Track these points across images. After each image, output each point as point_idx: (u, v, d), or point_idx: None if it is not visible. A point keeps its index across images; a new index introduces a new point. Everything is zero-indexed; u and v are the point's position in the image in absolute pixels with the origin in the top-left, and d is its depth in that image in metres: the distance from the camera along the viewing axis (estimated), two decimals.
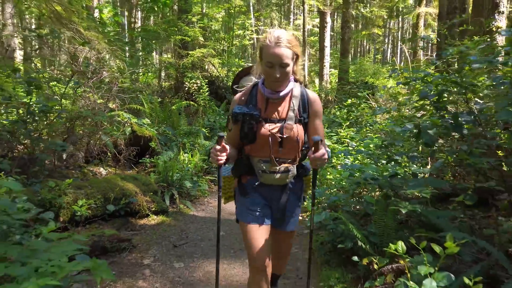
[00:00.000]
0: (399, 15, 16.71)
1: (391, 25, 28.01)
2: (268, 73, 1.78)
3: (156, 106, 6.81)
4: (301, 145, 1.89)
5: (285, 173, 1.88)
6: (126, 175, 4.53)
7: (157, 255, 3.34)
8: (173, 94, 8.64)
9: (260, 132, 1.82)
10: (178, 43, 8.06)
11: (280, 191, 1.95)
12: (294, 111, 1.85)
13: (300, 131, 1.86)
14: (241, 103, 1.90)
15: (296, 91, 1.88)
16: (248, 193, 1.95)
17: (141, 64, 8.20)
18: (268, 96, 1.85)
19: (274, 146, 1.83)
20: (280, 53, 1.72)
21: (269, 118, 1.85)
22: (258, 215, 1.91)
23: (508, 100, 2.34)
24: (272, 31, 1.76)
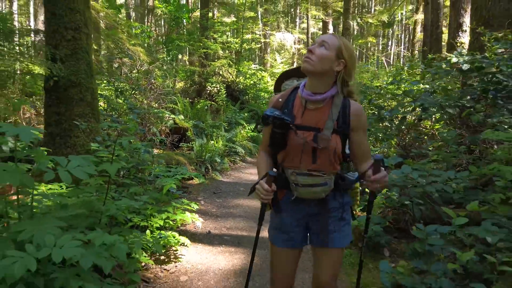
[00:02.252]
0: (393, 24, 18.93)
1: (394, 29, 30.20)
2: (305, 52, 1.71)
3: (187, 105, 9.16)
4: (338, 158, 1.75)
5: (321, 186, 1.74)
6: (177, 152, 6.87)
7: (204, 196, 5.66)
8: (196, 95, 10.99)
9: (291, 140, 1.72)
10: (202, 54, 10.44)
11: (319, 206, 1.81)
12: (332, 120, 1.71)
13: (338, 143, 1.72)
14: (277, 105, 1.81)
15: (337, 100, 1.74)
16: (281, 211, 1.85)
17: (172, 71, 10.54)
18: (306, 97, 1.74)
19: (307, 157, 1.73)
20: (327, 36, 1.73)
21: (304, 126, 1.73)
22: (288, 238, 1.84)
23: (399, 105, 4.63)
24: None
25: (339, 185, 1.80)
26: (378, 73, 13.82)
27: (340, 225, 1.82)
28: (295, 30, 26.71)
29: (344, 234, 1.83)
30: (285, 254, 1.86)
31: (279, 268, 1.88)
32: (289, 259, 1.87)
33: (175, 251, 3.63)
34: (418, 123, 5.37)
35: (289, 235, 1.84)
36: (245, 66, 13.29)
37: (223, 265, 3.49)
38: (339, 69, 1.70)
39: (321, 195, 1.76)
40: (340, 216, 1.83)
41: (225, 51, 12.18)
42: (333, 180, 1.76)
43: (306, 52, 1.70)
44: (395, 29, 31.67)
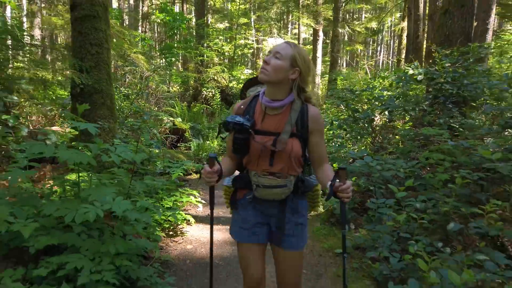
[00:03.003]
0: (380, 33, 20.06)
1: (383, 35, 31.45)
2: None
3: (184, 108, 10.03)
4: (297, 161, 1.85)
5: (280, 187, 1.84)
6: (176, 151, 7.73)
7: (202, 187, 6.51)
8: (192, 99, 11.86)
9: (252, 145, 1.82)
10: (198, 61, 11.33)
11: (278, 207, 1.91)
12: (291, 125, 1.80)
13: (295, 146, 1.81)
14: (239, 111, 1.92)
15: (296, 105, 1.83)
16: (239, 208, 1.99)
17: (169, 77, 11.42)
18: (265, 104, 1.83)
19: (265, 160, 1.83)
20: (281, 46, 1.81)
21: (264, 130, 1.84)
22: (250, 233, 1.93)
23: (371, 107, 5.55)
24: None
25: (299, 188, 1.91)
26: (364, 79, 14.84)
27: (296, 228, 1.92)
28: (287, 35, 27.75)
29: (300, 237, 1.93)
30: (250, 249, 1.95)
31: (246, 263, 1.96)
32: (255, 254, 1.95)
33: (181, 228, 4.50)
34: (388, 124, 6.32)
35: (251, 231, 1.94)
36: (238, 70, 14.20)
37: (220, 238, 4.37)
38: (294, 77, 1.79)
39: (281, 197, 1.87)
40: (296, 221, 1.93)
41: (220, 58, 13.11)
42: (293, 182, 1.87)
43: (262, 63, 1.79)
44: (385, 35, 32.94)
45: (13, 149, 3.65)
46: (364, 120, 5.71)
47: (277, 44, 1.84)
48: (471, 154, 3.45)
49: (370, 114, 5.41)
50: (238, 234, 1.98)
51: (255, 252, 1.95)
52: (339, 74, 14.80)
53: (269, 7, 20.39)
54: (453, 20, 6.20)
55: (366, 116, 5.41)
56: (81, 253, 2.49)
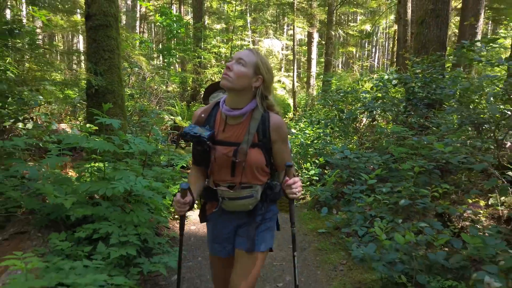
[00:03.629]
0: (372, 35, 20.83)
1: (378, 37, 32.31)
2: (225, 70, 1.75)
3: (184, 107, 10.70)
4: (260, 171, 1.83)
5: (246, 199, 1.82)
6: (177, 147, 8.40)
7: None
8: (191, 99, 12.54)
9: (213, 155, 1.80)
10: (196, 63, 12.00)
11: (247, 217, 1.91)
12: (251, 134, 1.78)
13: (256, 156, 1.79)
14: (199, 120, 1.87)
15: (256, 114, 1.80)
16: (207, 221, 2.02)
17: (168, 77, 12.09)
18: (226, 112, 1.79)
19: (226, 171, 1.81)
20: (244, 52, 1.79)
21: (225, 141, 1.80)
22: (221, 247, 1.97)
23: (354, 107, 6.26)
24: None
25: (267, 196, 1.89)
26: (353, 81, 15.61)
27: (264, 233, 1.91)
28: (283, 36, 28.52)
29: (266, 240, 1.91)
30: (221, 263, 2.01)
31: (218, 276, 2.05)
32: (226, 266, 1.99)
33: None
34: (372, 123, 7.04)
35: (222, 245, 1.97)
36: None
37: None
38: (258, 85, 1.77)
39: (248, 208, 1.85)
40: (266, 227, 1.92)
41: (217, 60, 13.82)
42: (259, 191, 1.84)
43: (225, 68, 1.75)
44: (380, 37, 33.78)
45: (46, 140, 4.30)
46: (349, 119, 6.42)
47: (239, 51, 1.82)
48: (432, 149, 4.16)
49: (353, 114, 6.11)
50: (211, 249, 2.02)
51: (226, 264, 2.00)
52: (332, 76, 15.51)
53: (265, 9, 21.13)
54: (429, 29, 6.92)
55: (350, 116, 6.12)
56: (110, 222, 3.17)
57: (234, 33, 19.32)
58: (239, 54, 1.77)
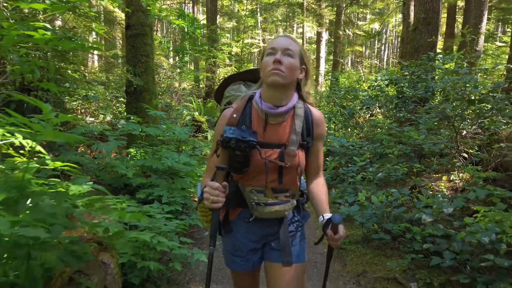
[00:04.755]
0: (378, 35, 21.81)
1: (387, 34, 33.18)
2: (267, 63, 1.55)
3: (200, 104, 11.87)
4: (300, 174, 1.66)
5: (283, 204, 1.64)
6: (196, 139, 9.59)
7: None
8: (205, 96, 13.72)
9: (255, 160, 1.59)
10: (211, 63, 13.19)
11: (278, 225, 1.71)
12: (297, 134, 1.62)
13: (302, 158, 1.64)
14: (232, 122, 1.63)
15: (299, 110, 1.65)
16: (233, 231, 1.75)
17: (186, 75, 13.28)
18: (267, 111, 1.60)
19: (272, 176, 1.62)
20: (286, 40, 1.59)
21: (268, 143, 1.61)
22: (243, 260, 1.76)
23: (353, 104, 7.37)
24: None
25: (299, 201, 1.75)
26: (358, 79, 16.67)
27: (300, 242, 1.76)
28: (293, 34, 29.59)
29: (302, 249, 1.77)
30: (244, 277, 1.83)
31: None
32: (250, 281, 1.85)
33: None
34: (369, 118, 8.13)
35: (245, 258, 1.76)
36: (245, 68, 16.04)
37: None
38: (302, 76, 1.64)
39: (283, 214, 1.67)
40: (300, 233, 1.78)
41: (231, 60, 15.00)
42: (295, 196, 1.70)
43: (273, 62, 1.53)
44: (389, 35, 34.62)
45: (103, 129, 5.49)
46: (348, 114, 7.52)
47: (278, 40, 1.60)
48: (410, 137, 5.26)
49: (351, 109, 7.22)
50: (231, 263, 1.79)
51: (250, 279, 1.84)
52: (339, 74, 16.58)
53: (275, 9, 22.22)
54: (421, 35, 7.97)
55: (350, 112, 7.23)
56: (159, 188, 4.33)
57: (245, 32, 20.45)
58: (283, 43, 1.56)
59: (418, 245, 3.38)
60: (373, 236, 3.83)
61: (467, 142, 4.66)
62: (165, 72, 10.89)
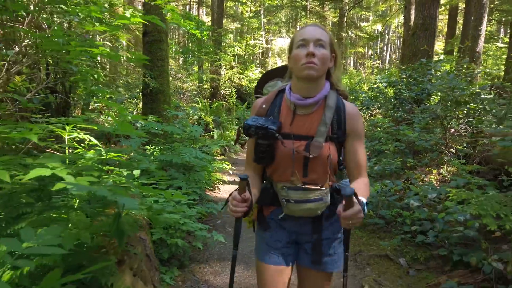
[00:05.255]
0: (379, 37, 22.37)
1: (390, 35, 33.71)
2: (299, 56, 1.52)
3: (207, 104, 12.46)
4: (333, 169, 1.60)
5: (315, 202, 1.58)
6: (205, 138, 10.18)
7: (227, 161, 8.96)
8: (211, 97, 14.31)
9: (280, 151, 1.58)
10: (218, 65, 13.79)
11: (312, 223, 1.66)
12: (326, 125, 1.56)
13: (332, 151, 1.56)
14: (261, 112, 1.66)
15: (331, 101, 1.59)
16: (270, 227, 1.73)
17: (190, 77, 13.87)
18: (296, 102, 1.58)
19: (298, 169, 1.58)
20: (316, 30, 1.54)
21: (295, 134, 1.58)
22: (279, 254, 1.70)
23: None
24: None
25: (335, 200, 1.64)
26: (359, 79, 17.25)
27: (334, 247, 1.69)
28: None
29: (338, 257, 1.70)
30: (272, 271, 1.71)
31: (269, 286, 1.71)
32: (279, 276, 1.71)
33: (217, 186, 6.90)
34: (369, 117, 8.68)
35: (280, 251, 1.70)
36: (249, 70, 16.65)
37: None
38: (332, 65, 1.60)
39: (316, 212, 1.61)
40: (336, 236, 1.69)
41: (236, 62, 15.64)
42: (329, 194, 1.61)
43: (306, 55, 1.49)
44: (392, 35, 35.15)
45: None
46: None
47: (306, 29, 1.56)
48: (406, 135, 5.82)
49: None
50: (264, 255, 1.73)
51: (281, 275, 1.72)
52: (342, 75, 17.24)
53: (279, 11, 22.80)
54: (419, 40, 8.53)
55: None
56: (178, 180, 4.90)
57: (249, 33, 21.06)
58: (314, 34, 1.53)
59: (407, 227, 3.94)
60: (368, 220, 4.39)
61: (455, 139, 5.21)
62: (174, 74, 11.46)
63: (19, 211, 2.14)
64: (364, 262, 3.84)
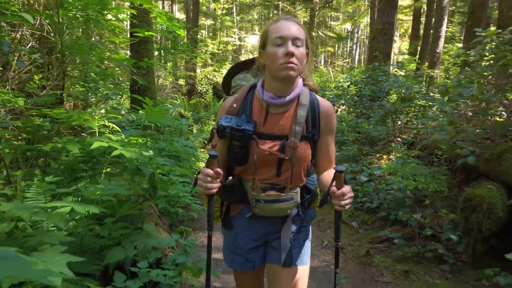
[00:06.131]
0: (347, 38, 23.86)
1: (359, 34, 35.41)
2: (277, 55, 1.47)
3: (185, 100, 13.35)
4: (305, 169, 1.63)
5: (286, 201, 1.59)
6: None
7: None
8: (188, 94, 15.18)
9: (253, 152, 1.55)
10: (194, 62, 14.68)
11: (281, 223, 1.68)
12: (300, 125, 1.55)
13: (307, 151, 1.58)
14: (231, 111, 1.62)
15: (304, 98, 1.58)
16: (233, 227, 1.74)
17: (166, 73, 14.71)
18: (269, 101, 1.56)
19: (271, 169, 1.59)
20: (292, 26, 1.49)
21: (268, 134, 1.57)
22: (245, 259, 1.74)
23: None
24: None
25: (305, 199, 1.69)
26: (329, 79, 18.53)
27: (303, 242, 1.73)
28: None
29: (305, 251, 1.74)
30: (246, 277, 1.80)
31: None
32: (252, 281, 1.82)
33: None
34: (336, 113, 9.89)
35: (245, 257, 1.73)
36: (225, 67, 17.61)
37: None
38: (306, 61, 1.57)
39: (285, 212, 1.62)
40: (304, 234, 1.75)
41: (213, 60, 16.59)
42: (299, 193, 1.64)
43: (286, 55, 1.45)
44: (361, 34, 36.87)
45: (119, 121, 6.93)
46: None
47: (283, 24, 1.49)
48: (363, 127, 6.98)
49: None
50: (230, 261, 1.78)
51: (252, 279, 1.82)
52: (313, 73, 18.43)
53: (252, 9, 23.81)
54: (379, 44, 9.76)
55: None
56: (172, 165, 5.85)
57: (222, 30, 21.98)
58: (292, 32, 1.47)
59: (359, 199, 5.08)
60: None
61: (402, 131, 6.42)
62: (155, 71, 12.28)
63: (76, 175, 3.09)
64: (325, 227, 4.95)
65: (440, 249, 3.66)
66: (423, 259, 3.75)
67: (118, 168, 3.51)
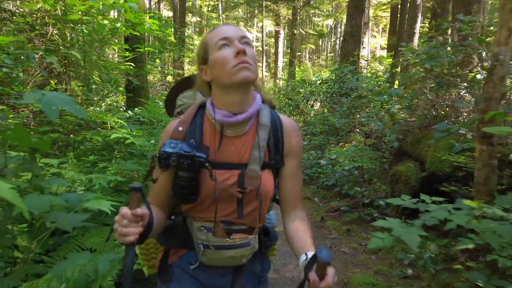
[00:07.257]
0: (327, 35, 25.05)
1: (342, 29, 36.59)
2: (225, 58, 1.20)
3: None
4: (268, 203, 1.33)
5: (241, 247, 1.27)
6: None
7: None
8: None
9: (206, 186, 1.23)
10: (182, 61, 15.67)
11: (233, 274, 1.35)
12: (262, 149, 1.27)
13: (269, 182, 1.28)
14: (177, 136, 1.28)
15: (264, 118, 1.30)
16: (171, 279, 1.36)
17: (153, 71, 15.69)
18: (223, 120, 1.25)
19: (229, 207, 1.26)
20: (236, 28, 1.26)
21: (223, 162, 1.26)
22: None
23: (296, 97, 10.24)
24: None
25: (262, 243, 1.39)
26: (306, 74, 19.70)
27: None
28: (253, 29, 32.35)
29: None
30: None
31: None
32: None
33: None
34: (310, 108, 11.02)
35: None
36: None
37: None
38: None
39: (240, 261, 1.30)
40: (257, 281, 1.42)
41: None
42: (257, 238, 1.33)
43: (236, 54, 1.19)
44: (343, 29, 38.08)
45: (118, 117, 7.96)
46: (294, 105, 10.36)
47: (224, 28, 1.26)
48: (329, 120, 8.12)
49: (296, 101, 10.08)
50: None
51: None
52: (294, 69, 19.53)
53: (237, 7, 24.84)
54: (348, 44, 10.91)
55: (295, 103, 10.08)
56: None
57: (208, 27, 22.94)
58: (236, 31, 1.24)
59: (321, 179, 6.24)
60: None
61: (362, 123, 7.60)
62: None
63: (98, 158, 4.17)
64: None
65: (374, 213, 4.83)
66: (362, 221, 4.93)
67: (125, 154, 4.59)
